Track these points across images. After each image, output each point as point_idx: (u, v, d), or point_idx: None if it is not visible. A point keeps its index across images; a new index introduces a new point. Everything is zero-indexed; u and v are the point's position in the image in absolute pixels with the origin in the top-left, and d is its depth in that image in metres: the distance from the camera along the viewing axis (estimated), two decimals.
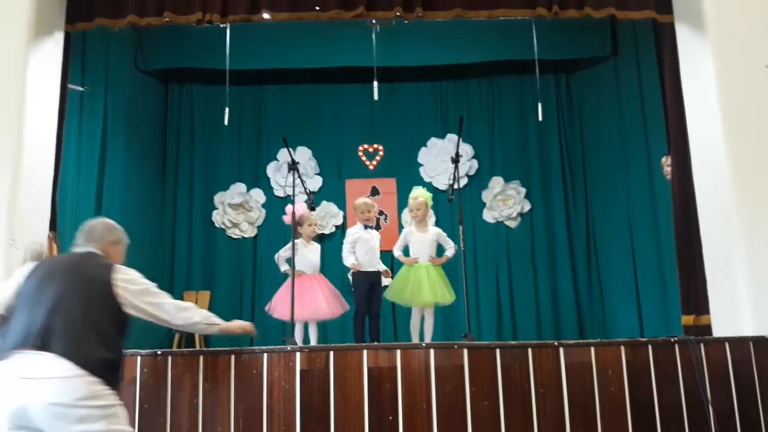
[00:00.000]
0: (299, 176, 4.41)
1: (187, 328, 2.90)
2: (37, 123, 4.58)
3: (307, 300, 4.77)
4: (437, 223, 6.94)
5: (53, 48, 4.84)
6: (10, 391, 2.35)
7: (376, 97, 5.85)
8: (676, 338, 3.51)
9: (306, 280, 4.86)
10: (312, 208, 4.94)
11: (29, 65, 4.53)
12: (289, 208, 5.36)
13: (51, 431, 2.35)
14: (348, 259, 4.86)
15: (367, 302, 4.76)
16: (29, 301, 2.51)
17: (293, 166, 4.29)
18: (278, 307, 4.97)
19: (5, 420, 2.36)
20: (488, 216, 7.17)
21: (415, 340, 4.90)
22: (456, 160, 4.22)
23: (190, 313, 2.88)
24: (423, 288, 4.77)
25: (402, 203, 7.17)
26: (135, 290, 2.72)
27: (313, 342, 4.91)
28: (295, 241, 5.11)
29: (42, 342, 2.39)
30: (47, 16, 4.75)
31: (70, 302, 2.50)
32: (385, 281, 5.69)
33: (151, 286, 2.82)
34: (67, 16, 4.96)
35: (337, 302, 4.92)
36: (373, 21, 5.83)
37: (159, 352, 3.37)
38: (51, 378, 2.34)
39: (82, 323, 2.48)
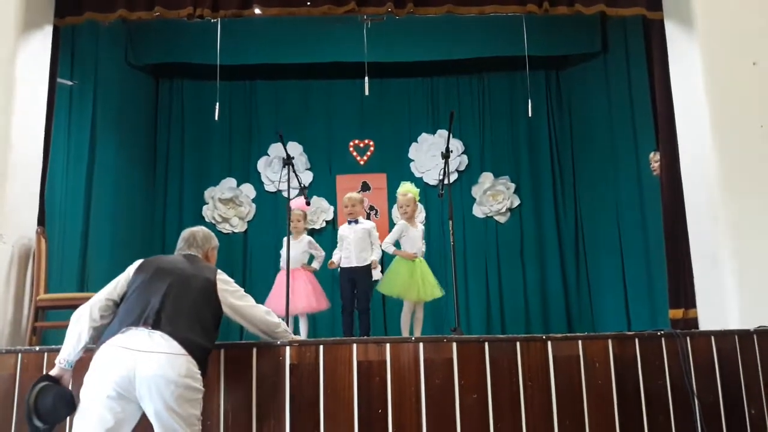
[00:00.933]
0: (294, 171, 4.40)
1: (268, 332, 3.14)
2: (25, 117, 4.56)
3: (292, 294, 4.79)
4: (427, 219, 6.99)
5: (42, 42, 4.81)
6: (122, 360, 2.60)
7: (366, 92, 5.86)
8: (662, 332, 3.55)
9: (288, 276, 4.87)
10: (308, 203, 4.96)
11: (18, 59, 4.50)
12: (294, 202, 5.36)
13: (148, 402, 2.59)
14: (334, 257, 4.91)
15: (351, 298, 4.78)
16: (144, 289, 2.81)
17: (288, 161, 4.28)
18: (268, 303, 4.98)
19: (109, 385, 2.59)
20: (478, 211, 7.20)
21: (406, 334, 4.92)
22: (446, 155, 4.23)
23: (274, 318, 3.16)
24: (421, 282, 4.79)
25: (392, 198, 7.18)
26: (233, 291, 3.03)
27: (303, 335, 4.94)
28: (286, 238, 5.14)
29: (154, 322, 2.68)
30: (36, 10, 4.72)
31: (182, 293, 2.82)
32: (375, 275, 5.71)
33: (243, 291, 3.12)
34: (56, 9, 4.93)
35: (319, 297, 4.95)
36: (365, 16, 5.83)
37: None
38: (161, 353, 2.61)
39: (189, 312, 2.78)
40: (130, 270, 2.95)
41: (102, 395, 2.60)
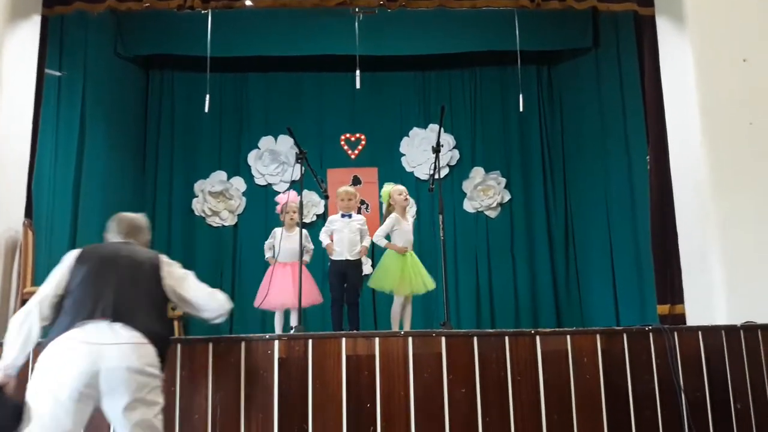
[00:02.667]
0: (308, 165, 4.36)
1: (216, 315, 3.01)
2: (12, 109, 4.53)
3: (277, 288, 4.78)
4: (418, 213, 6.98)
5: (30, 32, 4.77)
6: (84, 354, 2.52)
7: (358, 86, 5.83)
8: (650, 327, 3.57)
9: (279, 268, 4.86)
10: (326, 196, 4.94)
11: (4, 49, 4.47)
12: (279, 197, 5.34)
13: (112, 396, 2.53)
14: (323, 240, 4.93)
15: (340, 291, 4.77)
16: (92, 281, 2.72)
17: (301, 156, 4.25)
18: (258, 296, 4.97)
19: (70, 383, 2.48)
20: (468, 206, 7.20)
21: (396, 328, 4.93)
22: (437, 149, 4.22)
23: (222, 297, 3.04)
24: (412, 276, 4.79)
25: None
26: (178, 276, 2.95)
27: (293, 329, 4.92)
28: (276, 229, 5.13)
29: (113, 313, 2.62)
30: None
31: (133, 282, 2.77)
32: (366, 270, 5.71)
33: (191, 274, 3.04)
34: None
35: (312, 291, 4.93)
36: (356, 9, 5.81)
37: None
38: (125, 343, 2.57)
39: (143, 301, 2.75)
40: (68, 261, 2.82)
41: (61, 396, 2.47)
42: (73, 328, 2.57)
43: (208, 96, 5.77)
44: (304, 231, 5.25)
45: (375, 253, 6.34)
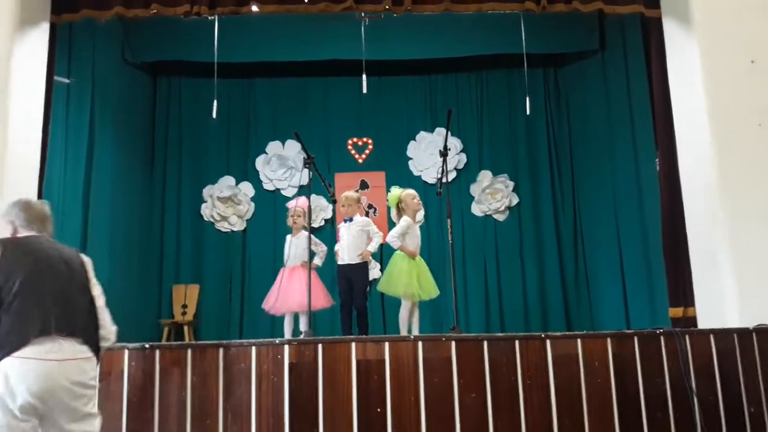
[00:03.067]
0: (316, 170, 4.37)
1: (108, 342, 2.81)
2: (22, 115, 4.55)
3: (287, 292, 4.79)
4: (425, 217, 6.98)
5: (39, 39, 4.80)
6: (43, 372, 2.47)
7: (365, 90, 5.84)
8: (661, 330, 3.55)
9: (288, 272, 4.88)
10: (334, 201, 4.95)
11: (14, 57, 4.49)
12: (291, 203, 5.35)
13: (60, 413, 2.51)
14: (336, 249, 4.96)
15: (348, 295, 4.78)
16: (31, 292, 2.56)
17: (309, 161, 4.26)
18: (267, 300, 4.99)
19: (25, 402, 2.43)
20: (476, 209, 7.20)
21: (404, 332, 4.91)
22: (444, 153, 4.22)
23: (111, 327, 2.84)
24: (419, 281, 4.77)
25: None
26: (99, 290, 2.85)
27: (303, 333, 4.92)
28: (288, 236, 5.15)
29: (63, 328, 2.56)
30: (33, 7, 4.71)
31: (71, 290, 2.68)
32: (374, 274, 5.70)
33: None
34: (52, 6, 4.92)
35: (322, 294, 4.93)
36: (362, 14, 5.81)
37: (147, 345, 3.36)
38: (74, 359, 2.56)
39: (82, 309, 2.69)
40: None
41: (11, 415, 2.42)
42: (30, 345, 2.47)
43: (215, 102, 5.79)
44: (312, 235, 5.26)
45: (384, 256, 6.36)
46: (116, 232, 6.39)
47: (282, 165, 7.29)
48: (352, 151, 7.43)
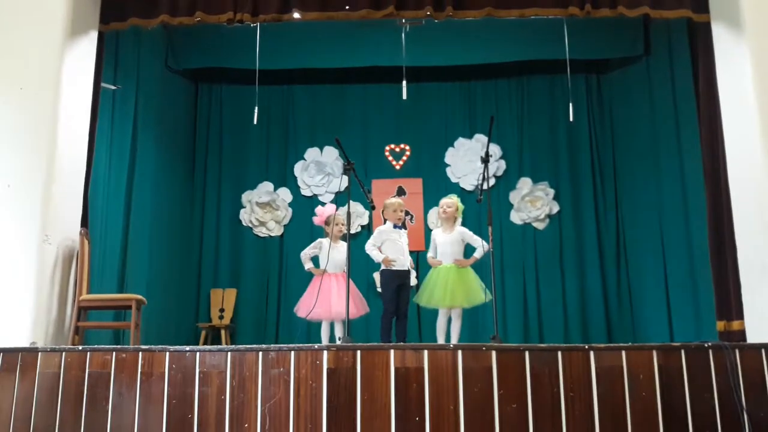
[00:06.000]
0: (356, 176, 4.39)
1: None
2: (70, 121, 4.67)
3: (326, 299, 4.78)
4: (463, 225, 6.90)
5: (87, 47, 4.93)
6: None
7: (404, 96, 5.83)
8: (709, 343, 3.43)
9: (326, 279, 4.87)
10: (373, 207, 4.96)
11: (64, 64, 4.61)
12: (319, 209, 5.38)
13: None
14: (375, 255, 4.87)
15: (396, 301, 4.75)
16: None
17: (349, 167, 4.28)
18: (300, 306, 4.99)
19: None
20: (515, 217, 7.10)
21: (441, 341, 4.87)
22: (486, 159, 4.18)
23: None
24: (452, 288, 4.76)
25: (428, 204, 7.14)
26: None
27: (338, 340, 4.91)
28: (323, 240, 5.15)
29: None
30: (82, 16, 4.84)
31: None
32: (412, 281, 5.68)
33: None
34: (101, 15, 5.05)
35: (359, 303, 4.91)
36: (403, 20, 5.81)
37: (188, 349, 3.40)
38: None
39: None
40: None
41: None
42: None
43: (256, 108, 5.85)
44: (345, 244, 5.24)
45: (421, 264, 6.33)
46: (156, 235, 6.50)
47: (320, 171, 7.33)
48: (390, 158, 7.43)
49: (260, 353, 3.27)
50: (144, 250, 6.27)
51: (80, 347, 3.62)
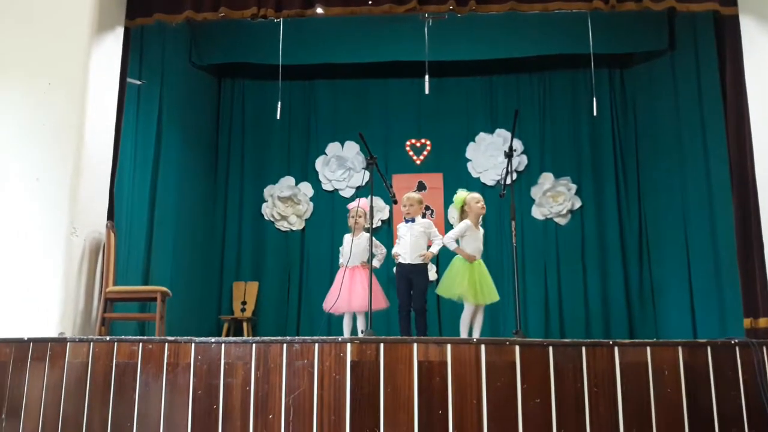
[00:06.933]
0: (378, 171, 4.40)
1: None
2: (97, 115, 4.74)
3: (347, 291, 4.80)
4: (484, 219, 6.87)
5: (113, 43, 4.99)
6: None
7: (427, 91, 5.82)
8: (736, 340, 3.39)
9: (348, 272, 4.90)
10: (395, 201, 4.96)
11: (91, 60, 4.68)
12: (353, 204, 5.38)
13: None
14: (393, 250, 4.95)
15: (407, 296, 4.76)
16: None
17: (371, 161, 4.30)
18: (327, 300, 5.02)
19: None
20: (537, 213, 7.07)
21: (464, 335, 4.87)
22: (509, 154, 4.17)
23: None
24: (479, 285, 4.73)
25: (448, 199, 7.12)
26: None
27: (360, 333, 4.93)
28: (347, 235, 5.17)
29: None
30: (109, 12, 4.91)
31: None
32: (431, 275, 5.67)
33: None
34: (127, 11, 5.11)
35: (377, 295, 4.92)
36: (426, 15, 5.79)
37: (213, 340, 3.44)
38: None
39: None
40: None
41: None
42: None
43: (279, 103, 5.88)
44: (366, 237, 5.27)
45: (441, 259, 6.32)
46: (180, 229, 6.58)
47: (341, 166, 7.35)
48: (410, 153, 7.43)
49: (285, 345, 3.30)
50: (168, 243, 6.35)
51: (108, 338, 3.68)
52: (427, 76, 5.79)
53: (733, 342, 3.38)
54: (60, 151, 4.48)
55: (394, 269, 6.61)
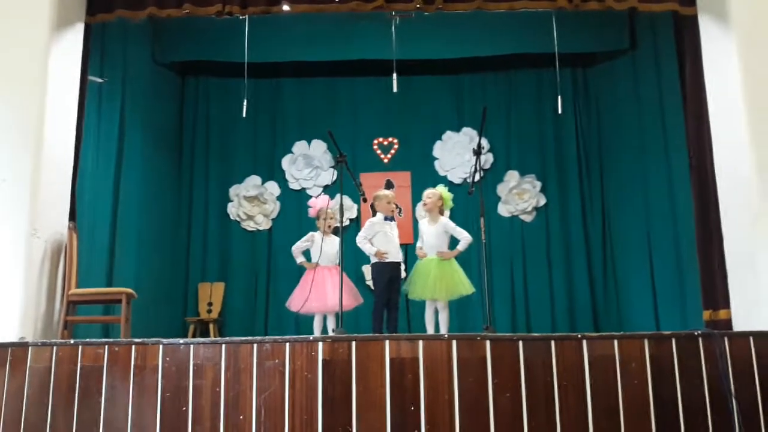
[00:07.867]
0: (347, 169, 4.39)
1: None
2: (57, 114, 4.61)
3: (320, 292, 4.78)
4: (451, 217, 6.93)
5: (74, 39, 4.86)
6: None
7: (395, 89, 5.82)
8: (699, 332, 3.48)
9: (319, 272, 4.87)
10: (365, 199, 4.96)
11: (50, 56, 4.55)
12: (312, 200, 5.37)
13: None
14: (368, 248, 4.87)
15: (388, 293, 4.77)
16: None
17: (341, 159, 4.28)
18: (294, 300, 4.99)
19: None
20: (503, 210, 7.14)
21: (431, 332, 4.90)
22: (478, 152, 4.21)
23: None
24: (435, 281, 4.79)
25: (416, 197, 7.15)
26: None
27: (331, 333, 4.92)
28: (314, 233, 5.14)
29: None
30: (69, 7, 4.78)
31: None
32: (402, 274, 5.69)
33: None
34: (87, 7, 4.98)
35: (351, 294, 4.92)
36: (393, 13, 5.80)
37: (181, 342, 3.39)
38: None
39: None
40: None
41: None
42: None
43: (245, 101, 5.81)
44: (336, 238, 5.25)
45: (408, 258, 6.34)
46: (144, 229, 6.45)
47: (308, 164, 7.31)
48: (378, 151, 7.43)
49: (255, 345, 3.27)
50: (132, 244, 6.22)
51: (72, 341, 3.59)
52: (395, 75, 5.79)
53: (696, 333, 3.47)
54: (19, 151, 4.34)
55: (364, 267, 6.66)
